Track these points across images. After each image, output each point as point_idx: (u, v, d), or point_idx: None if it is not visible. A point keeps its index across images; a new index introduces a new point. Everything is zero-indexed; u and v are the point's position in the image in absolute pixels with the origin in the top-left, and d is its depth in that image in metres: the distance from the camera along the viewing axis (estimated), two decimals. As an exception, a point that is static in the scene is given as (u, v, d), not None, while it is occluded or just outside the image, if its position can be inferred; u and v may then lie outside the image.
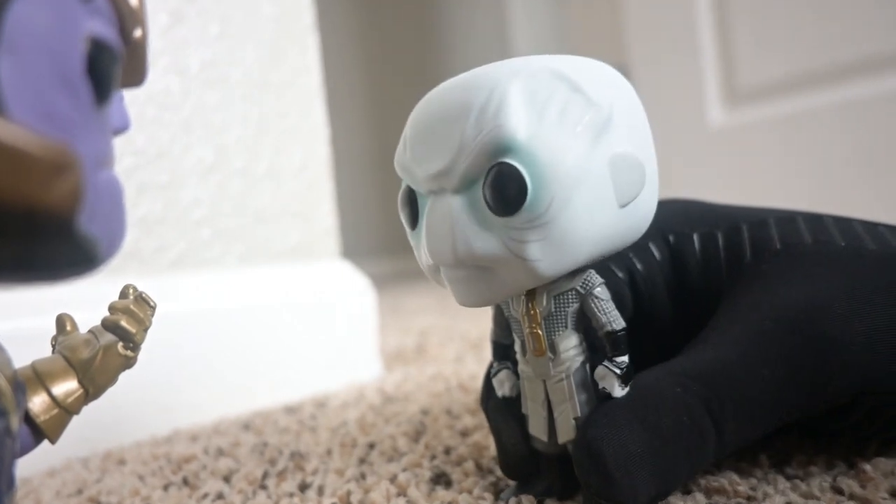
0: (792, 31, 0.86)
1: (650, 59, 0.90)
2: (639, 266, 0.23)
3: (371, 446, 0.28)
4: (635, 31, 0.94)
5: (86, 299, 0.28)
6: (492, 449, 0.26)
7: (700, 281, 0.22)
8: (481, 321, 0.66)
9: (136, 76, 0.14)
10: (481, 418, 0.30)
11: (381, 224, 1.76)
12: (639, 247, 0.23)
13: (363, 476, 0.25)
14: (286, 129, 0.47)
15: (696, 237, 0.23)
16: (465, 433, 0.29)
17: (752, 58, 0.91)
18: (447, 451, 0.26)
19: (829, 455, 0.22)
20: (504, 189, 0.17)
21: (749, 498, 0.20)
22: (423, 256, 0.19)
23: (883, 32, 0.78)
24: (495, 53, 1.53)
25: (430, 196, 0.18)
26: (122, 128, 0.14)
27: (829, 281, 0.20)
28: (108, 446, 0.33)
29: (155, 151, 0.40)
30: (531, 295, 0.19)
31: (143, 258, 0.39)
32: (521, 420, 0.21)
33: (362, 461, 0.27)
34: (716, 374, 0.19)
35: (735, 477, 0.21)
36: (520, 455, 0.21)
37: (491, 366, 0.22)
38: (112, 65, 0.12)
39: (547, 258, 0.17)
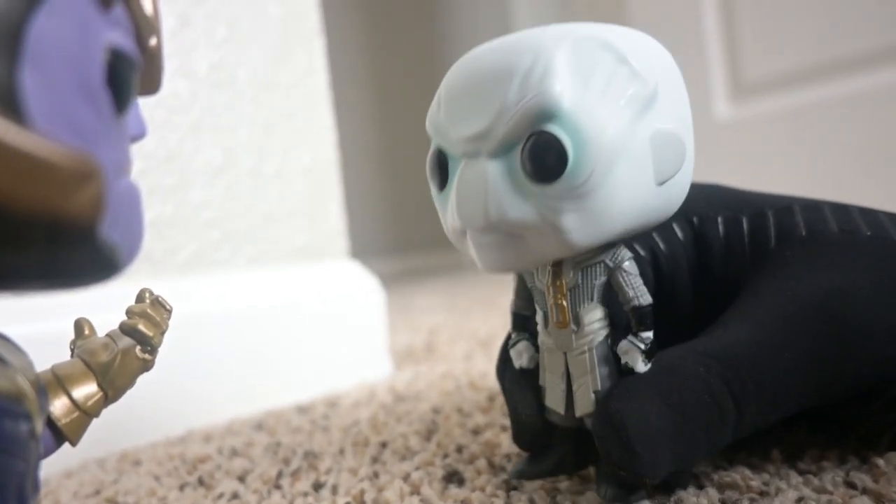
0: (797, 25, 0.86)
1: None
2: (662, 246, 0.23)
3: (383, 445, 0.28)
4: (640, 27, 0.94)
5: (100, 302, 0.29)
6: (504, 447, 0.26)
7: (722, 265, 0.22)
8: (490, 319, 0.66)
9: (151, 84, 0.14)
10: (493, 416, 0.31)
11: (389, 222, 1.76)
12: (662, 226, 0.23)
13: (376, 475, 0.25)
14: (294, 129, 0.47)
15: (720, 220, 0.23)
16: (476, 431, 0.29)
17: (757, 51, 0.90)
18: (459, 449, 0.27)
19: (842, 450, 0.22)
20: (544, 156, 0.17)
21: (762, 493, 0.20)
22: (450, 219, 0.19)
23: (888, 25, 0.78)
24: (499, 30, 1.52)
25: (463, 158, 0.18)
26: (139, 135, 0.14)
27: (855, 269, 0.20)
28: (124, 447, 0.34)
29: (164, 154, 0.40)
30: (558, 266, 0.19)
31: (153, 260, 0.39)
32: (537, 392, 0.20)
33: (375, 460, 0.27)
34: (738, 355, 0.19)
35: (747, 472, 0.21)
36: (534, 427, 0.21)
37: (509, 336, 0.22)
38: (131, 74, 0.12)
39: (581, 229, 0.17)
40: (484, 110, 0.17)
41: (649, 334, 0.18)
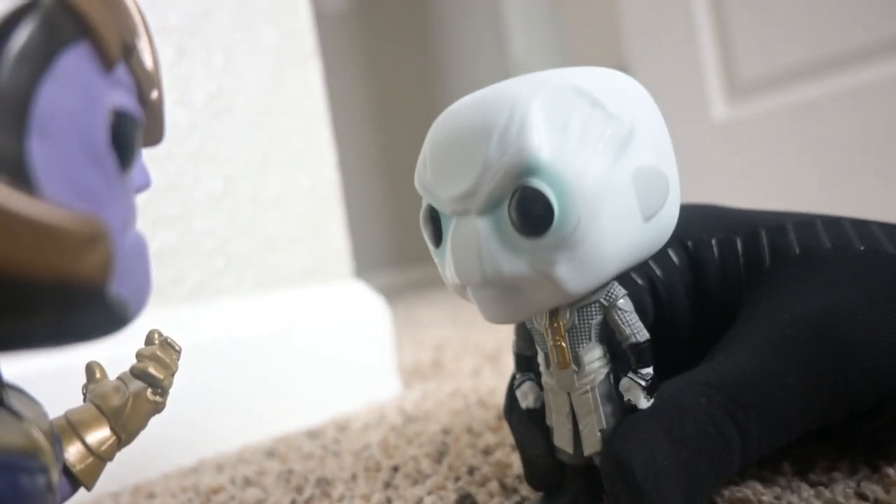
0: (790, 22, 0.86)
1: (649, 56, 0.90)
2: (658, 273, 0.23)
3: (395, 469, 0.29)
4: (633, 30, 0.94)
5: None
6: (515, 467, 0.26)
7: (719, 287, 0.23)
8: (496, 332, 0.66)
9: (154, 135, 0.14)
10: (503, 435, 0.31)
11: (391, 236, 1.76)
12: (658, 254, 0.23)
13: (389, 501, 0.25)
14: (293, 153, 0.47)
15: (714, 243, 0.23)
16: (487, 451, 0.29)
17: (751, 50, 0.91)
18: (471, 471, 0.27)
19: (852, 460, 0.22)
20: (530, 211, 0.17)
21: (774, 507, 0.20)
22: (450, 275, 0.19)
23: (881, 18, 0.78)
24: (493, 57, 1.53)
25: (454, 217, 0.18)
26: (143, 186, 0.14)
27: (850, 286, 0.20)
28: (137, 480, 0.34)
29: (166, 184, 0.41)
30: (554, 308, 0.19)
31: (159, 290, 0.39)
32: (546, 431, 0.20)
33: (387, 485, 0.27)
34: (739, 383, 0.19)
35: (759, 487, 0.21)
36: (545, 467, 0.21)
37: (514, 377, 0.22)
38: (134, 132, 0.12)
39: (575, 277, 0.17)
40: (467, 170, 0.18)
41: (649, 370, 0.18)
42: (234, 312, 0.41)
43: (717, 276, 0.23)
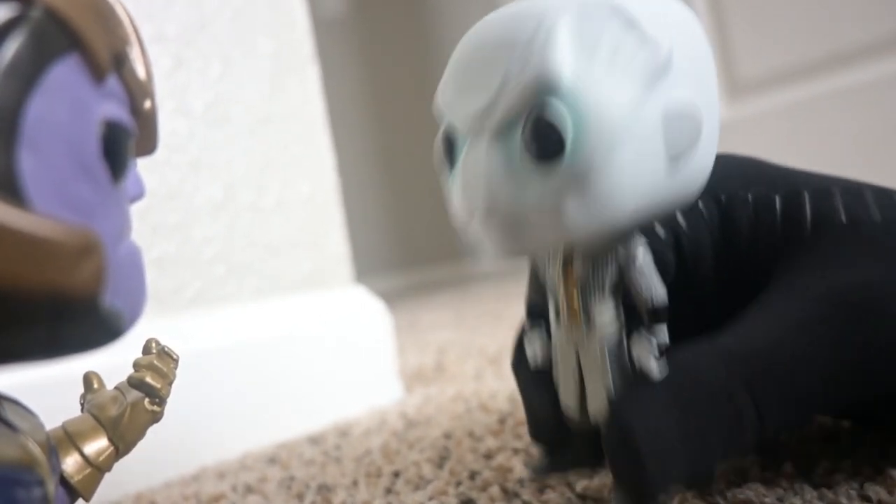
0: (788, 21, 0.86)
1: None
2: (684, 226, 0.21)
3: (396, 475, 0.28)
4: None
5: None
6: (516, 472, 0.26)
7: (751, 247, 0.21)
8: (498, 334, 0.66)
9: (148, 145, 0.14)
10: (504, 439, 0.31)
11: (393, 240, 1.77)
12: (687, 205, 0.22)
13: (391, 507, 0.25)
14: (292, 160, 0.47)
15: (751, 200, 0.21)
16: (488, 455, 0.29)
17: (750, 49, 0.91)
18: (472, 475, 0.27)
19: (855, 461, 0.22)
20: (544, 134, 0.16)
21: (776, 509, 0.20)
22: (458, 202, 0.18)
23: (880, 16, 0.78)
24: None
25: (468, 136, 0.17)
26: (137, 196, 0.14)
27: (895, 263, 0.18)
28: (138, 488, 0.34)
29: (165, 192, 0.41)
30: (568, 257, 0.18)
31: (160, 299, 0.39)
32: (552, 386, 0.20)
33: (388, 491, 0.27)
34: (762, 354, 0.17)
35: (761, 488, 0.21)
36: (550, 422, 0.20)
37: (523, 328, 0.21)
38: (126, 143, 0.12)
39: (583, 215, 0.16)
40: (486, 84, 0.16)
41: (663, 328, 0.17)
42: (235, 319, 0.42)
43: (750, 236, 0.21)
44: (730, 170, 0.22)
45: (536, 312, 0.20)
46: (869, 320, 0.18)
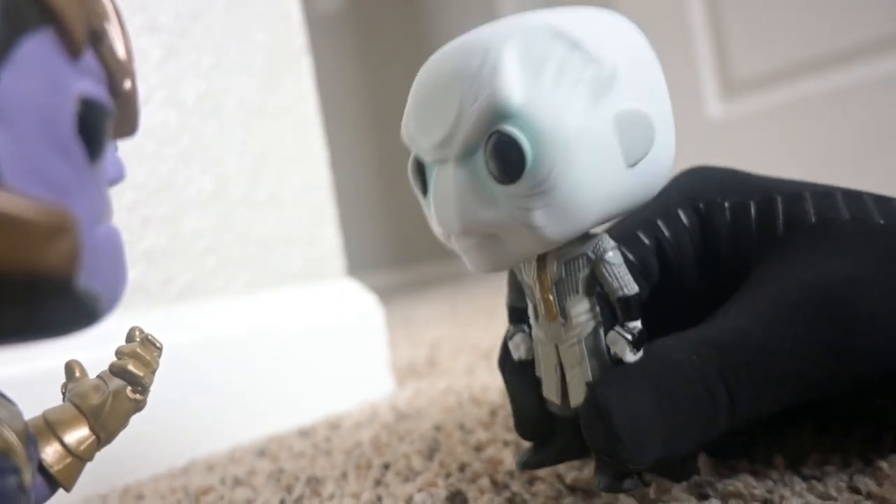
0: (784, 20, 0.86)
1: (643, 56, 0.90)
2: (666, 233, 0.22)
3: (386, 467, 0.28)
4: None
5: (93, 337, 0.29)
6: (506, 464, 0.26)
7: (730, 252, 0.22)
8: (491, 329, 0.66)
9: (128, 126, 0.14)
10: (494, 431, 0.30)
11: (387, 236, 1.76)
12: (668, 214, 0.23)
13: (379, 499, 0.25)
14: (285, 154, 0.47)
15: (727, 206, 0.22)
16: (478, 448, 0.29)
17: (746, 48, 0.91)
18: (462, 468, 0.26)
19: (845, 452, 0.22)
20: (504, 157, 0.16)
21: (766, 501, 0.20)
22: (434, 225, 0.19)
23: (875, 16, 0.78)
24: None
25: (435, 165, 0.18)
26: (117, 178, 0.14)
27: (865, 259, 0.19)
28: (126, 481, 0.33)
29: (156, 185, 0.40)
30: (542, 260, 0.19)
31: (149, 291, 0.39)
32: (536, 383, 0.20)
33: (378, 483, 0.27)
34: (734, 343, 0.18)
35: (751, 480, 0.21)
36: (535, 417, 0.21)
37: (508, 329, 0.22)
38: (103, 122, 0.12)
39: (553, 224, 0.17)
40: (444, 116, 0.17)
41: (636, 324, 0.18)
42: (225, 312, 0.41)
43: (728, 240, 0.22)
44: (707, 180, 0.23)
45: (517, 314, 0.21)
46: (835, 309, 0.18)
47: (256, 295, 0.43)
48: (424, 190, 0.19)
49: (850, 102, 0.80)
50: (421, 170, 0.19)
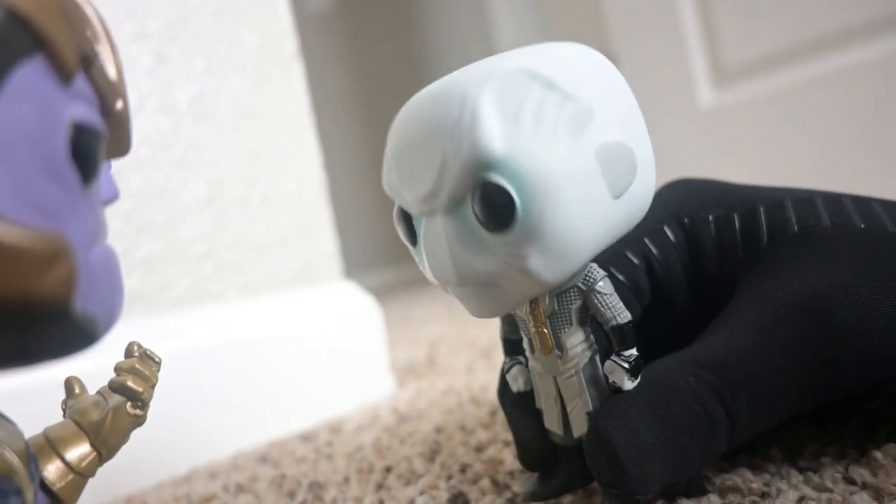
0: (774, 6, 0.86)
1: (634, 44, 0.90)
2: (654, 251, 0.23)
3: (388, 470, 0.28)
4: (617, 18, 0.94)
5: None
6: (507, 464, 0.26)
7: (717, 265, 0.22)
8: (490, 328, 0.66)
9: (121, 146, 0.14)
10: (495, 431, 0.31)
11: (383, 235, 1.76)
12: (654, 231, 0.23)
13: (381, 502, 0.25)
14: (279, 156, 0.47)
15: (711, 220, 0.22)
16: (479, 448, 0.29)
17: (736, 36, 0.91)
18: (463, 469, 0.27)
19: (840, 443, 0.22)
20: (493, 207, 0.16)
21: (763, 495, 0.20)
22: (429, 276, 0.19)
23: (864, 0, 0.78)
24: (479, 54, 1.52)
25: (423, 217, 0.18)
26: (110, 198, 0.14)
27: (848, 266, 0.19)
28: (129, 490, 0.33)
29: (151, 191, 0.40)
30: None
31: (147, 298, 0.39)
32: (537, 414, 0.21)
33: (380, 486, 0.27)
34: (728, 362, 0.18)
35: (748, 474, 0.21)
36: (537, 449, 0.21)
37: (505, 361, 0.22)
38: (96, 145, 0.12)
39: (549, 267, 0.17)
40: (426, 170, 0.17)
41: (632, 351, 0.18)
42: (224, 317, 0.41)
43: (715, 254, 0.22)
44: (689, 194, 0.23)
45: (512, 348, 0.21)
46: (820, 320, 0.18)
47: (255, 300, 0.43)
48: (412, 238, 0.19)
49: (841, 88, 0.80)
50: (407, 218, 0.19)
